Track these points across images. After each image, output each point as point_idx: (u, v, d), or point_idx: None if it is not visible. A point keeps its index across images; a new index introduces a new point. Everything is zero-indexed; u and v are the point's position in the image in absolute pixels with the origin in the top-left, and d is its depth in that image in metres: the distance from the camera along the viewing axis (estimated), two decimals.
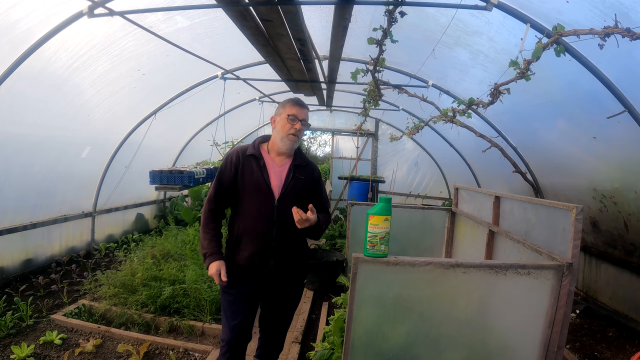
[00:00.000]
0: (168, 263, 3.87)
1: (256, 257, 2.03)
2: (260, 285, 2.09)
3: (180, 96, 5.18)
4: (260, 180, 2.02)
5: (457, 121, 4.11)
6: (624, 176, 3.28)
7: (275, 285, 2.12)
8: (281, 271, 2.09)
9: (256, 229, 2.03)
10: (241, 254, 2.04)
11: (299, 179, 2.08)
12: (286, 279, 2.14)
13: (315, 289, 4.35)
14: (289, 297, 2.22)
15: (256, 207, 2.03)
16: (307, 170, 2.14)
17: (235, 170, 2.06)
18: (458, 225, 3.65)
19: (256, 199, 2.03)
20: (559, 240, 1.92)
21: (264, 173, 2.03)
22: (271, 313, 2.21)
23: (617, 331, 3.53)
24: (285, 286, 2.16)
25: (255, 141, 2.17)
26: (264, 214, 2.02)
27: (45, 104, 3.67)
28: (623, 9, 2.15)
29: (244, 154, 2.08)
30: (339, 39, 2.92)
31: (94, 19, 2.92)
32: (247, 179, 2.04)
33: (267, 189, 2.02)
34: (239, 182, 2.05)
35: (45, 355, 2.72)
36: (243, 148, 2.12)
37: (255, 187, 2.02)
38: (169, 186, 4.38)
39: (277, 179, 2.06)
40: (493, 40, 3.20)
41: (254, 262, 2.04)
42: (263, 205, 2.02)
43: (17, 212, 4.00)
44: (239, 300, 2.08)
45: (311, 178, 2.15)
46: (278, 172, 2.08)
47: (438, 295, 1.71)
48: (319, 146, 21.30)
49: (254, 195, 2.03)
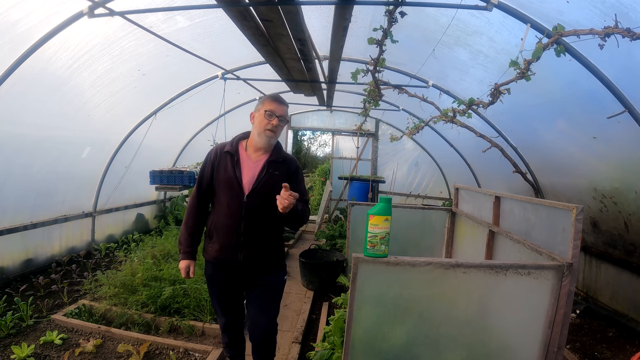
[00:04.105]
0: (168, 263, 3.87)
1: (226, 251, 2.10)
2: (233, 277, 2.14)
3: (181, 96, 5.19)
4: (231, 176, 2.07)
5: (457, 121, 4.12)
6: (624, 176, 3.28)
7: (247, 278, 2.15)
8: (251, 265, 2.11)
9: (225, 224, 2.09)
10: (213, 246, 2.13)
11: (273, 174, 2.08)
12: (258, 273, 2.14)
13: (315, 289, 4.35)
14: (267, 294, 2.18)
15: (226, 202, 2.08)
16: (282, 166, 2.13)
17: (212, 167, 2.13)
18: (458, 225, 3.65)
19: (227, 194, 2.08)
20: (559, 240, 1.92)
21: (236, 169, 2.07)
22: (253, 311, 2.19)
23: (617, 331, 3.53)
24: (260, 280, 2.15)
25: (235, 137, 2.21)
26: (233, 209, 2.06)
27: (45, 104, 3.67)
28: (623, 9, 2.15)
29: (221, 151, 2.15)
30: (339, 39, 2.93)
31: (94, 19, 2.92)
32: (221, 175, 2.10)
33: (237, 185, 2.06)
34: (214, 178, 2.13)
35: (45, 355, 2.72)
36: (222, 145, 2.18)
37: (227, 183, 2.08)
38: (169, 186, 4.39)
39: (249, 175, 2.08)
40: (493, 40, 3.20)
41: (224, 255, 2.11)
42: (232, 200, 2.06)
43: (17, 212, 4.00)
44: (220, 291, 2.19)
45: (286, 173, 2.13)
46: (252, 168, 2.10)
47: (438, 296, 1.71)
48: (319, 146, 21.33)
49: (225, 191, 2.09)
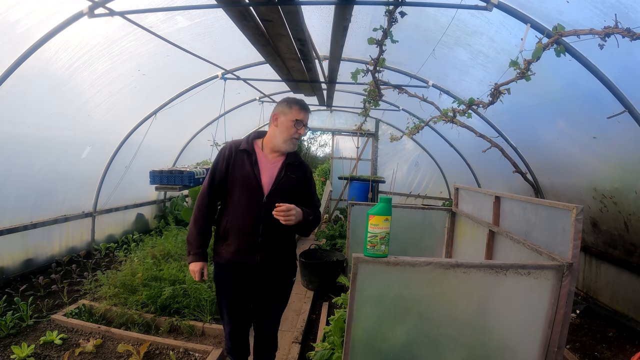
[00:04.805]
0: (168, 263, 3.87)
1: (242, 253, 2.04)
2: (247, 280, 2.10)
3: (181, 96, 5.19)
4: (250, 175, 2.02)
5: (457, 121, 4.12)
6: (624, 176, 3.28)
7: (262, 281, 2.12)
8: (267, 267, 2.09)
9: (244, 225, 2.03)
10: (228, 248, 2.06)
11: (290, 177, 2.09)
12: (273, 275, 2.14)
13: (315, 289, 4.35)
14: (277, 293, 2.20)
15: (245, 202, 2.03)
16: (299, 170, 2.14)
17: (227, 165, 2.06)
18: (458, 225, 3.65)
19: (245, 194, 2.03)
20: (559, 240, 1.92)
21: (254, 168, 2.04)
22: (260, 310, 2.20)
23: (617, 331, 3.53)
24: (273, 282, 2.16)
25: (250, 136, 2.16)
26: (252, 209, 2.02)
27: (45, 104, 3.67)
28: (623, 9, 2.15)
29: (237, 148, 2.09)
30: (339, 39, 2.93)
31: (94, 19, 2.92)
32: (237, 173, 2.04)
33: (256, 184, 2.02)
34: (229, 176, 2.05)
35: (45, 355, 2.72)
36: (237, 142, 2.13)
37: (245, 182, 2.03)
38: (169, 186, 4.40)
39: (267, 176, 2.06)
40: (493, 40, 3.20)
41: (240, 257, 2.05)
42: (252, 200, 2.02)
43: (17, 212, 4.00)
44: (230, 294, 2.11)
45: (302, 178, 2.15)
46: (270, 169, 2.08)
47: (438, 296, 1.71)
48: (319, 146, 21.28)
49: (243, 190, 2.03)
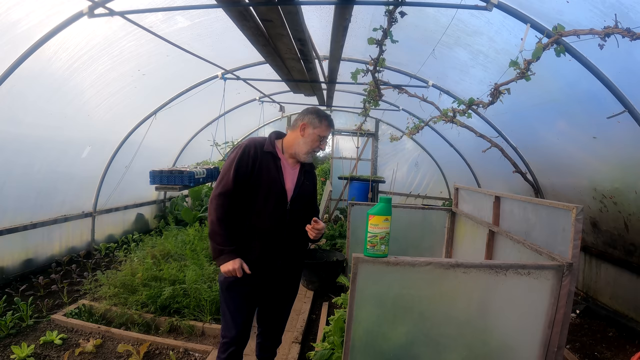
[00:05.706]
0: (168, 263, 3.87)
1: (265, 257, 2.02)
2: (265, 283, 2.09)
3: (181, 96, 5.18)
4: (277, 181, 2.00)
5: (457, 121, 4.11)
6: (624, 176, 3.28)
7: (279, 283, 2.15)
8: (287, 270, 2.13)
9: (269, 229, 2.00)
10: (250, 252, 2.00)
11: (306, 184, 2.13)
12: (289, 277, 2.20)
13: (315, 289, 4.35)
14: (289, 294, 2.28)
15: (271, 207, 1.99)
16: (312, 177, 2.20)
17: (253, 164, 1.97)
18: (458, 226, 3.65)
19: (271, 198, 1.99)
20: (559, 240, 1.92)
21: (280, 174, 2.02)
22: (271, 309, 2.24)
23: (617, 331, 3.53)
24: (288, 283, 2.22)
25: (271, 137, 2.12)
26: (278, 215, 2.00)
27: (45, 104, 3.66)
28: (623, 9, 2.15)
29: (261, 149, 2.01)
30: (339, 39, 2.93)
31: (94, 19, 2.92)
32: (264, 176, 1.98)
33: (282, 190, 2.01)
34: (254, 177, 1.97)
35: (45, 355, 2.72)
36: (259, 142, 2.04)
37: (271, 187, 1.98)
38: (169, 186, 4.39)
39: (290, 182, 2.06)
40: (493, 40, 3.20)
41: (263, 261, 2.02)
42: (278, 205, 2.00)
43: (17, 212, 4.00)
44: (243, 297, 2.06)
45: (314, 185, 2.21)
46: (291, 175, 2.08)
47: (438, 296, 1.71)
48: None
49: (269, 194, 1.98)
